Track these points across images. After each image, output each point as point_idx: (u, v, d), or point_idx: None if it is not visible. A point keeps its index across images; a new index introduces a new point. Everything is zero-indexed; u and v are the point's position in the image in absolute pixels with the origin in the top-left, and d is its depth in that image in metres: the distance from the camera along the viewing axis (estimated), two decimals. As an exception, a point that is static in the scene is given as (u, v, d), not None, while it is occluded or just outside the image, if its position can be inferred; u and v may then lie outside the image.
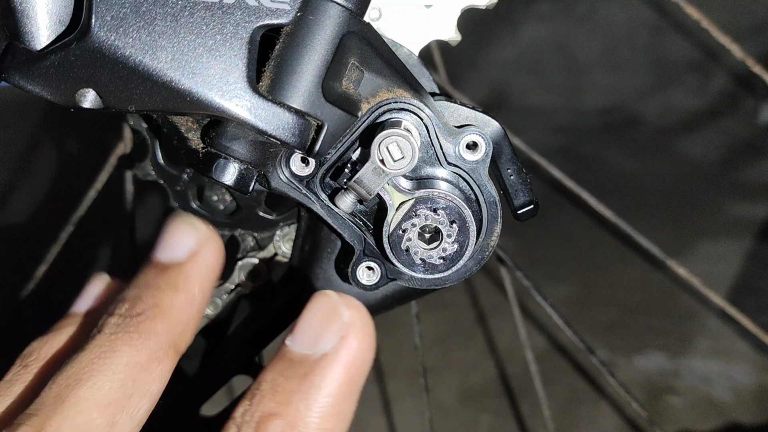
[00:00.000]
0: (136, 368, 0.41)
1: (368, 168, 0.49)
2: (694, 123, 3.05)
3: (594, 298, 2.01)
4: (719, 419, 1.61)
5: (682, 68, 3.20)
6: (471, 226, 0.51)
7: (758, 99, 3.05)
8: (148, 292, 0.44)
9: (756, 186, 2.56)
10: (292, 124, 0.46)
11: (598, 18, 3.30)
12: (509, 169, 0.54)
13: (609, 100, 3.22)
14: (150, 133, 0.66)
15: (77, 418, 0.38)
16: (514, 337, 1.48)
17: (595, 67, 3.30)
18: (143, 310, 0.43)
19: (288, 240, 0.66)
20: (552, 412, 1.33)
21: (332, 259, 0.59)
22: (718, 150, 2.84)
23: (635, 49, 3.27)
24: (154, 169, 0.68)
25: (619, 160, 2.80)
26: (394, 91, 0.50)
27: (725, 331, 1.84)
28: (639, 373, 1.75)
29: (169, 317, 0.43)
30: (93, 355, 0.41)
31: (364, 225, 0.54)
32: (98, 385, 0.40)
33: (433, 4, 0.60)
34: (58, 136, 2.90)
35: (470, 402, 1.68)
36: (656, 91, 3.22)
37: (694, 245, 2.20)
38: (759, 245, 2.21)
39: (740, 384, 1.70)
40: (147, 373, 0.41)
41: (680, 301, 1.94)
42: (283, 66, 0.46)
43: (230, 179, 0.47)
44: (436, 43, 0.68)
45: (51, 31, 0.47)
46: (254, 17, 0.45)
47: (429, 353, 1.75)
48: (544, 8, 3.33)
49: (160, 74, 0.45)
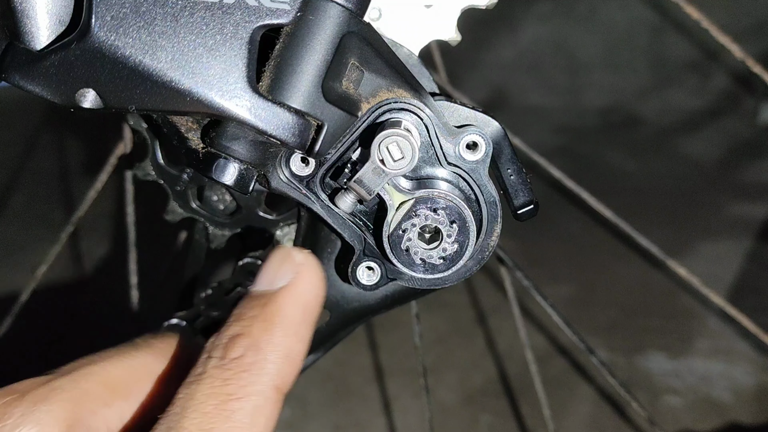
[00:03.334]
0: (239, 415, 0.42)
1: (368, 168, 0.49)
2: (694, 123, 3.05)
3: (594, 298, 2.01)
4: (719, 419, 1.61)
5: (682, 68, 3.20)
6: (471, 226, 0.51)
7: (758, 99, 3.05)
8: (244, 329, 0.45)
9: (756, 186, 2.56)
10: (292, 124, 0.46)
11: (598, 18, 3.30)
12: (509, 169, 0.54)
13: (609, 100, 3.22)
14: (150, 133, 0.66)
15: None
16: (514, 337, 1.48)
17: (595, 67, 3.30)
18: (242, 354, 0.44)
19: (288, 240, 0.66)
20: (552, 412, 1.33)
21: (332, 259, 0.59)
22: (718, 150, 2.84)
23: (635, 49, 3.27)
24: (154, 169, 0.68)
25: (619, 160, 2.80)
26: (394, 91, 0.50)
27: (725, 331, 1.84)
28: (639, 373, 1.75)
29: (268, 356, 0.44)
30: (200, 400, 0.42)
31: (364, 225, 0.54)
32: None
33: (433, 4, 0.60)
34: (58, 136, 2.90)
35: (470, 402, 1.68)
36: (656, 91, 3.22)
37: (694, 245, 2.19)
38: (759, 245, 2.21)
39: (740, 384, 1.70)
40: (252, 426, 0.42)
41: (680, 301, 1.94)
42: (283, 66, 0.46)
43: (230, 179, 0.47)
44: (436, 43, 0.68)
45: (51, 31, 0.47)
46: (254, 17, 0.45)
47: (429, 353, 1.76)
48: (544, 8, 3.33)
49: (160, 74, 0.45)
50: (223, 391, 0.42)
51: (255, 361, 0.44)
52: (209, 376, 0.43)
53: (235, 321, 0.46)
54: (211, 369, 0.43)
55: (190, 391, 0.42)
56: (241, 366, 0.43)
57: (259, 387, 0.43)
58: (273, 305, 0.47)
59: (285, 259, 0.49)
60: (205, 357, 0.44)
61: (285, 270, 0.49)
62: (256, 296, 0.48)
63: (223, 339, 0.45)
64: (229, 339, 0.45)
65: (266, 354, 0.44)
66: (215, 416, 0.41)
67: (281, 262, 0.49)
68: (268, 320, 0.46)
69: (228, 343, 0.45)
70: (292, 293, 0.48)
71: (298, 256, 0.49)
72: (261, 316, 0.46)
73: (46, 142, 2.89)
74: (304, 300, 0.48)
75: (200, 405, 0.41)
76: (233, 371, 0.43)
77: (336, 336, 0.63)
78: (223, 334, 0.46)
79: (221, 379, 0.43)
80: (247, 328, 0.45)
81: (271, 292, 0.48)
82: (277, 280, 0.48)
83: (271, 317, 0.46)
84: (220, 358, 0.44)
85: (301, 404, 1.67)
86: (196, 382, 0.43)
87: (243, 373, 0.43)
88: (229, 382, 0.43)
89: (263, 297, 0.47)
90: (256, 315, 0.46)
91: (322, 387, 1.72)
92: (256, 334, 0.45)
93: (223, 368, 0.43)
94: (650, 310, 1.96)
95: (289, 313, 0.47)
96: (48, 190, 2.56)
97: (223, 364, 0.43)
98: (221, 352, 0.44)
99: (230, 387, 0.42)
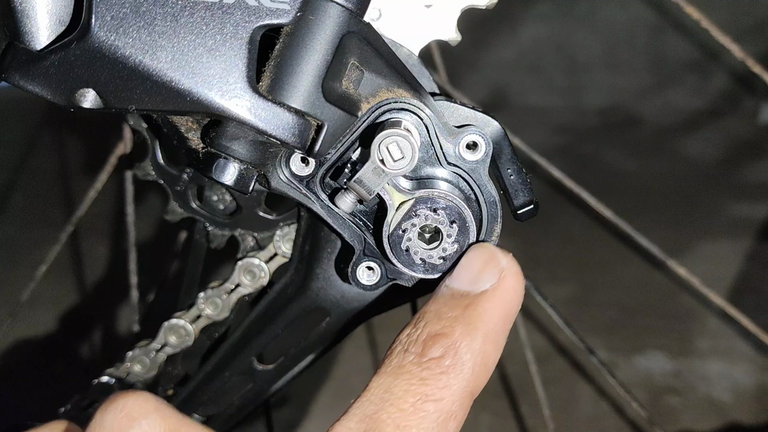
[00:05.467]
0: None
1: (368, 168, 0.49)
2: (694, 123, 3.05)
3: (594, 298, 2.01)
4: (719, 419, 1.61)
5: (682, 68, 3.20)
6: (471, 226, 0.51)
7: (758, 99, 3.05)
8: (444, 329, 0.44)
9: (756, 186, 2.56)
10: (292, 124, 0.46)
11: (598, 18, 3.30)
12: (509, 169, 0.54)
13: (609, 100, 3.22)
14: (150, 133, 0.66)
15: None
16: (514, 337, 1.48)
17: (595, 67, 3.30)
18: (442, 354, 0.43)
19: (288, 240, 0.66)
20: (552, 412, 1.33)
21: (332, 259, 0.59)
22: (718, 150, 2.84)
23: (635, 49, 3.27)
24: (154, 169, 0.68)
25: (619, 160, 2.80)
26: (394, 91, 0.50)
27: (725, 331, 1.84)
28: (639, 373, 1.75)
29: (467, 361, 0.43)
30: None
31: (364, 225, 0.54)
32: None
33: (433, 4, 0.60)
34: (58, 136, 2.90)
35: (470, 402, 1.68)
36: (656, 91, 3.22)
37: (694, 245, 2.19)
38: (759, 245, 2.21)
39: (740, 384, 1.70)
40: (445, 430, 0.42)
41: (680, 301, 1.94)
42: (283, 66, 0.46)
43: (230, 179, 0.47)
44: (436, 43, 0.68)
45: (51, 31, 0.47)
46: (254, 17, 0.45)
47: (429, 353, 1.75)
48: (544, 8, 3.33)
49: (160, 74, 0.45)
50: (420, 390, 0.42)
51: (454, 364, 0.43)
52: (407, 372, 0.42)
53: (435, 318, 0.45)
54: (409, 365, 0.43)
55: (386, 383, 0.42)
56: (440, 367, 0.43)
57: (456, 391, 0.42)
58: (476, 309, 0.45)
59: (491, 260, 0.48)
60: (401, 350, 0.44)
61: (490, 272, 0.47)
62: (458, 296, 0.46)
63: (421, 335, 0.44)
64: (428, 336, 0.44)
65: (466, 358, 0.43)
66: (412, 415, 0.41)
67: (486, 263, 0.48)
68: (471, 324, 0.44)
69: (427, 340, 0.44)
70: (496, 299, 0.46)
71: (503, 259, 0.48)
72: (463, 319, 0.45)
73: (46, 142, 2.89)
74: (507, 308, 0.46)
75: (398, 401, 0.41)
76: (432, 372, 0.42)
77: (336, 336, 0.64)
78: (420, 329, 0.44)
79: (419, 378, 0.42)
80: (448, 328, 0.44)
81: (474, 294, 0.46)
82: (481, 281, 0.47)
83: (474, 321, 0.44)
84: (418, 355, 0.43)
85: (301, 404, 1.67)
86: (394, 375, 0.42)
87: (442, 375, 0.42)
88: (428, 383, 0.42)
89: (465, 298, 0.46)
90: (457, 316, 0.45)
91: (322, 387, 1.72)
92: (458, 336, 0.44)
93: (421, 366, 0.43)
94: (650, 310, 1.96)
95: (492, 320, 0.45)
96: (48, 190, 2.56)
97: (422, 361, 0.43)
98: (419, 349, 0.43)
99: (428, 387, 0.42)
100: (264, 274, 0.67)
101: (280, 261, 0.67)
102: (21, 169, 2.71)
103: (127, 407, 0.43)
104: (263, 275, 0.67)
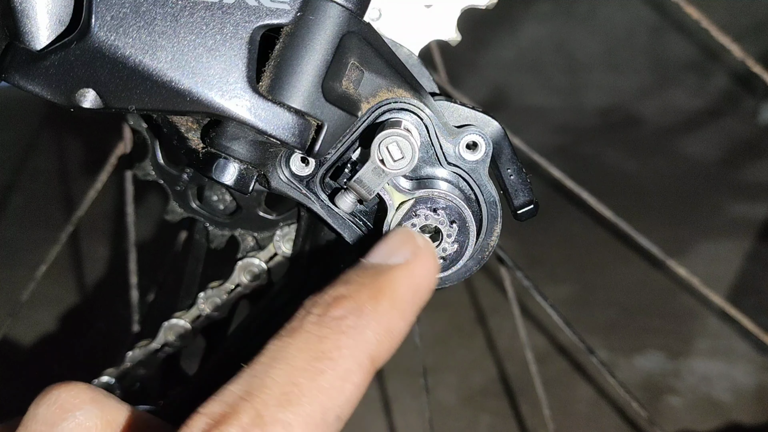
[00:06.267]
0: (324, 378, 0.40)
1: (368, 168, 0.49)
2: (694, 123, 3.05)
3: (594, 298, 2.01)
4: (719, 419, 1.61)
5: (682, 68, 3.20)
6: (471, 226, 0.51)
7: (758, 99, 3.05)
8: (350, 292, 0.43)
9: (756, 186, 2.56)
10: (292, 124, 0.46)
11: (598, 18, 3.30)
12: (509, 169, 0.54)
13: (609, 100, 3.22)
14: (150, 133, 0.66)
15: None
16: (514, 337, 1.48)
17: (595, 67, 3.30)
18: (344, 315, 0.42)
19: (288, 240, 0.66)
20: (552, 412, 1.33)
21: (332, 259, 0.59)
22: (718, 150, 2.83)
23: (635, 49, 3.27)
24: (154, 169, 0.68)
25: (619, 160, 2.80)
26: (394, 91, 0.50)
27: (725, 331, 1.84)
28: (639, 373, 1.75)
29: (370, 324, 0.42)
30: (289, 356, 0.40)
31: (364, 225, 0.54)
32: None
33: (433, 4, 0.60)
34: (58, 136, 2.90)
35: (470, 402, 1.68)
36: (656, 91, 3.22)
37: (694, 245, 2.19)
38: (759, 245, 2.21)
39: (740, 384, 1.70)
40: (339, 390, 0.40)
41: (680, 301, 1.94)
42: (283, 66, 0.46)
43: (230, 179, 0.47)
44: (436, 43, 0.68)
45: (51, 31, 0.47)
46: (254, 17, 0.45)
47: (429, 353, 1.75)
48: (544, 8, 3.33)
49: (160, 74, 0.45)
50: (317, 347, 0.40)
51: (356, 325, 0.41)
52: (305, 330, 0.41)
53: (342, 283, 0.44)
54: (308, 324, 0.41)
55: (282, 343, 0.40)
56: (340, 327, 0.41)
57: (355, 352, 0.40)
58: (385, 277, 0.44)
59: (407, 239, 0.48)
60: (303, 313, 0.42)
61: (404, 249, 0.47)
62: (369, 266, 0.46)
63: (326, 298, 0.43)
64: (333, 299, 0.42)
65: (369, 321, 0.42)
66: (304, 372, 0.39)
67: (402, 241, 0.48)
68: (378, 290, 0.43)
69: (331, 302, 0.42)
70: (406, 272, 0.45)
71: (419, 239, 0.48)
72: (370, 284, 0.44)
73: (46, 142, 2.89)
74: (417, 282, 0.45)
75: (291, 358, 0.39)
76: (331, 330, 0.41)
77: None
78: (326, 293, 0.43)
79: (317, 335, 0.40)
80: (354, 291, 0.43)
81: (386, 265, 0.46)
82: (394, 256, 0.47)
83: (380, 287, 0.44)
84: (319, 315, 0.41)
85: (301, 404, 1.67)
86: (290, 335, 0.41)
87: (341, 334, 0.41)
88: (325, 341, 0.40)
89: (376, 268, 0.45)
90: (365, 282, 0.44)
91: (322, 387, 1.72)
92: (363, 299, 0.42)
93: (321, 325, 0.41)
94: (650, 310, 1.96)
95: (400, 290, 0.44)
96: (48, 190, 2.56)
97: (321, 320, 0.41)
98: (321, 309, 0.42)
99: (325, 345, 0.40)
100: (264, 274, 0.67)
101: (280, 261, 0.67)
102: (21, 169, 2.71)
103: (61, 399, 0.42)
104: (263, 275, 0.67)
